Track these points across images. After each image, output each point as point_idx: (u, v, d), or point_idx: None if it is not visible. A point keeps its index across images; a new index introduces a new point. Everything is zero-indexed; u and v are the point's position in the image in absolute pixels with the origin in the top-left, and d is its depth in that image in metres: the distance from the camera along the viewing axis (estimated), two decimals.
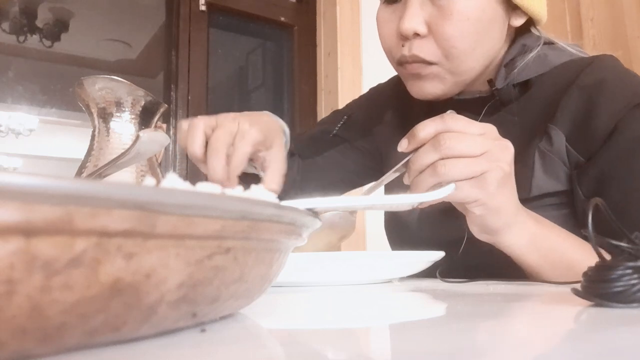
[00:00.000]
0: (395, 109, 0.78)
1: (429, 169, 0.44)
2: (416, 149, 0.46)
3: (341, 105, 2.17)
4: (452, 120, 0.45)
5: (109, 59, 3.33)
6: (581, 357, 0.17)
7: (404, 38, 0.61)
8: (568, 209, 0.60)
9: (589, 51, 0.66)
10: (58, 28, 2.86)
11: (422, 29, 0.59)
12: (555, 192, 0.59)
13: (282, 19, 2.43)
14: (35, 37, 2.81)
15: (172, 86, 2.17)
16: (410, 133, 0.46)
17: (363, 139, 0.80)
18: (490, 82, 0.65)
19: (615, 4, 1.59)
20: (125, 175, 0.57)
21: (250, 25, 2.46)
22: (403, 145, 0.47)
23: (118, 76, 0.58)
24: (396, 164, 0.48)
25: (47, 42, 2.87)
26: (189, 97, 2.15)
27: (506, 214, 0.48)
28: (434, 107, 0.70)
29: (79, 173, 0.57)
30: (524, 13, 0.63)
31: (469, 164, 0.44)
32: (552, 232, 0.52)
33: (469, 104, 0.67)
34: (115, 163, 0.45)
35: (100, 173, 0.46)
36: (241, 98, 2.62)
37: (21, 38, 2.76)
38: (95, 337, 0.16)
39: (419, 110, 0.73)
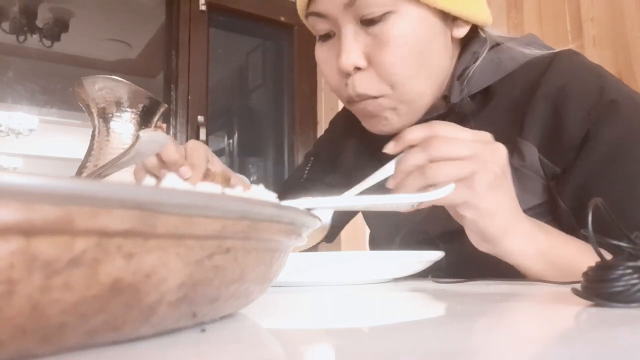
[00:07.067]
0: (357, 135, 0.75)
1: (417, 171, 0.44)
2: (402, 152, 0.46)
3: (340, 104, 2.17)
4: (441, 126, 0.45)
5: (109, 59, 3.33)
6: (581, 357, 0.17)
7: (345, 75, 0.57)
8: (547, 217, 0.58)
9: (589, 51, 0.64)
10: (58, 28, 2.86)
11: (361, 62, 0.56)
12: (532, 206, 0.58)
13: (282, 18, 2.43)
14: (35, 37, 2.81)
15: (172, 86, 2.17)
16: (398, 136, 0.46)
17: (332, 174, 0.79)
18: (446, 97, 0.62)
19: (615, 4, 1.59)
20: (125, 175, 0.57)
21: (250, 25, 2.46)
22: (390, 148, 0.46)
23: (118, 76, 0.58)
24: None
25: (47, 42, 2.88)
26: (189, 97, 2.15)
27: (502, 218, 0.47)
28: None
29: (79, 173, 0.57)
30: (465, 22, 0.60)
31: (457, 165, 0.44)
32: (559, 240, 0.50)
33: None
34: (115, 163, 0.45)
35: (100, 173, 0.46)
36: (241, 98, 2.62)
37: (21, 38, 2.77)
38: (95, 337, 0.16)
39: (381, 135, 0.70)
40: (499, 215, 0.47)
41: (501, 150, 0.46)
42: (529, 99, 0.58)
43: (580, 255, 0.50)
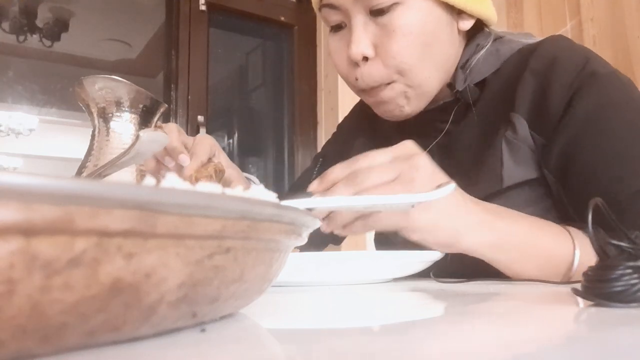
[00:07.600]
0: (364, 135, 0.78)
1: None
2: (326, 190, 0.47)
3: (341, 104, 2.17)
4: (359, 159, 0.47)
5: (109, 59, 3.33)
6: (581, 357, 0.17)
7: (354, 64, 0.60)
8: (548, 200, 0.59)
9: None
10: (58, 28, 2.86)
11: (370, 52, 0.59)
12: (528, 182, 0.59)
13: (282, 19, 2.43)
14: (35, 37, 2.81)
15: (172, 86, 2.17)
16: (321, 176, 0.47)
17: None
18: (450, 85, 0.65)
19: (615, 4, 1.59)
20: (125, 175, 0.57)
21: (250, 25, 2.46)
22: (314, 187, 0.47)
23: (118, 76, 0.58)
24: None
25: (47, 42, 2.88)
26: (189, 97, 2.15)
27: (448, 224, 0.47)
28: (403, 122, 0.69)
29: (79, 173, 0.57)
30: (470, 16, 0.63)
31: (384, 192, 0.44)
32: (520, 225, 0.51)
33: (435, 113, 0.67)
34: (115, 163, 0.45)
35: (100, 173, 0.46)
36: (241, 98, 2.62)
37: (21, 38, 2.77)
38: (95, 337, 0.16)
39: (389, 127, 0.72)
40: (444, 224, 0.47)
41: (422, 162, 0.47)
42: (520, 75, 0.61)
43: (546, 238, 0.50)
